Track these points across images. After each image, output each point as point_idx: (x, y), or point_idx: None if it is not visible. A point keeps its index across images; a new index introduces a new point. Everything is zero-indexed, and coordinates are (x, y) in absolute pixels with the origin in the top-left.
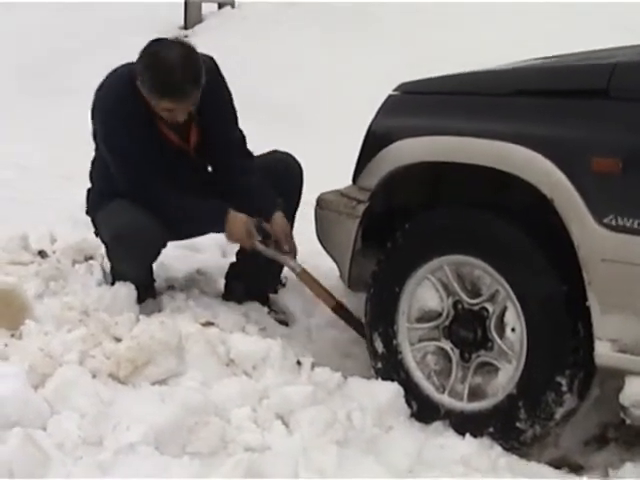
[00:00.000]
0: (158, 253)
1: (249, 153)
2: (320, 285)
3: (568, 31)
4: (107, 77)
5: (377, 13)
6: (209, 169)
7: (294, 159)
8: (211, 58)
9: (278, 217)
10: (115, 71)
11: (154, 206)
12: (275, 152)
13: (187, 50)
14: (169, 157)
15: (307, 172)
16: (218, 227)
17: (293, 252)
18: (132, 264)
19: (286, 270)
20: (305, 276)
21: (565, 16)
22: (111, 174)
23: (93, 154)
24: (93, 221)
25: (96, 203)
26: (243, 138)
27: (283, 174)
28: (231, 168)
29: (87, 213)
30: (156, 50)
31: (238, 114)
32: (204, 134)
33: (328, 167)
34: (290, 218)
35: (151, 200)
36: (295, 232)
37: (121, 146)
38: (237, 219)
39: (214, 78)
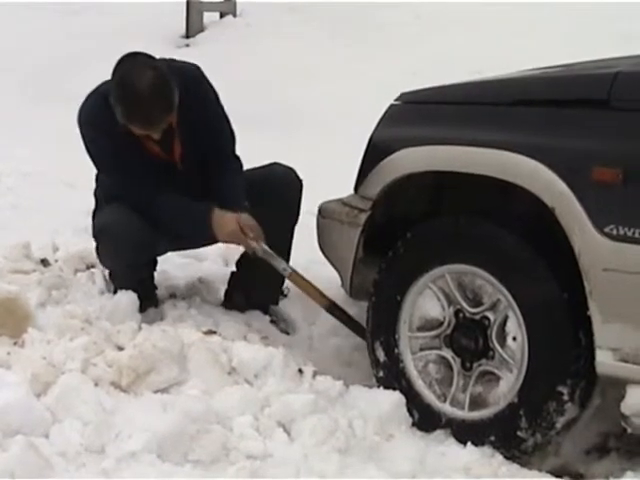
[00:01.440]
0: (147, 252)
1: (234, 155)
2: (312, 285)
3: (572, 36)
4: (89, 94)
5: (379, 20)
6: (196, 179)
7: (295, 174)
8: (196, 67)
9: (244, 216)
10: (97, 88)
11: (141, 209)
12: (275, 165)
13: (158, 75)
14: (154, 169)
15: (308, 180)
16: (205, 228)
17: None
18: (118, 260)
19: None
20: (295, 277)
21: (569, 20)
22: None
23: None
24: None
25: (96, 208)
26: (232, 139)
27: (283, 189)
28: (211, 171)
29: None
30: (126, 77)
31: (239, 116)
32: (189, 144)
33: (329, 175)
34: (288, 232)
35: (137, 202)
36: (295, 241)
37: (105, 159)
38: (225, 216)
39: (197, 88)
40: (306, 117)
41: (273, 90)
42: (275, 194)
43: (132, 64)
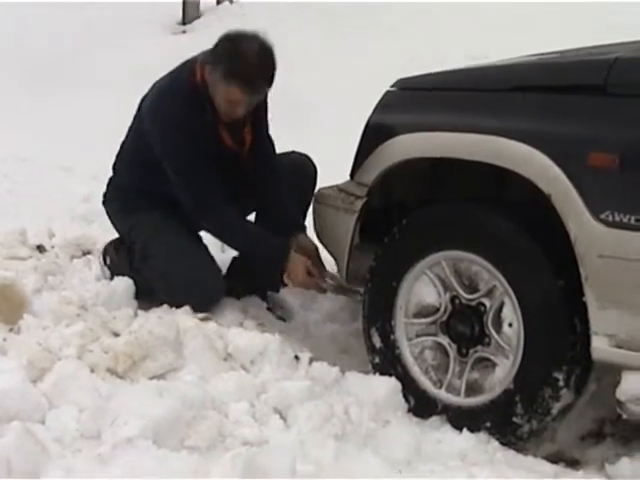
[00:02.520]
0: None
1: (280, 162)
2: None
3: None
4: (160, 93)
5: (378, 9)
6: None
7: (310, 161)
8: None
9: (304, 239)
10: (164, 87)
11: (215, 231)
12: (293, 153)
13: (267, 47)
14: (224, 162)
15: None
16: (280, 266)
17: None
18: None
19: None
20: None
21: (562, 14)
22: (141, 171)
23: (119, 147)
24: (114, 214)
25: (124, 201)
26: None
27: (299, 175)
28: (267, 178)
29: (104, 203)
30: (239, 39)
31: None
32: (256, 135)
33: (329, 162)
34: (303, 217)
35: (214, 226)
36: None
37: (186, 166)
38: (297, 264)
39: None
40: (302, 105)
41: None
42: (293, 179)
43: (241, 35)
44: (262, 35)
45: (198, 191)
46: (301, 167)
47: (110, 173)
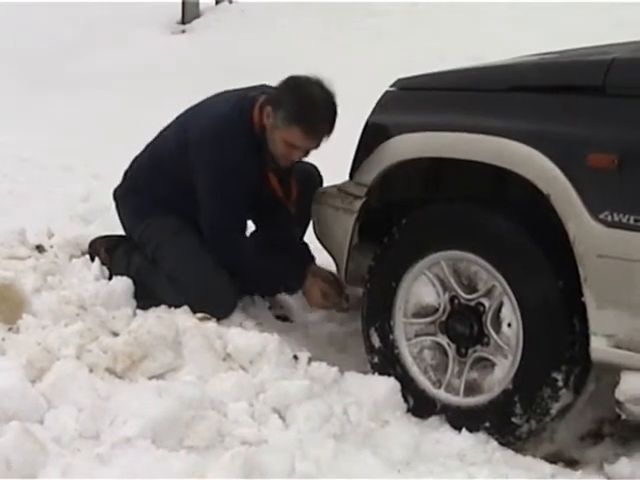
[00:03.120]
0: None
1: None
2: None
3: (566, 27)
4: (216, 123)
5: (375, 6)
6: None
7: (316, 170)
8: None
9: (317, 268)
10: (227, 117)
11: (232, 260)
12: (299, 162)
13: (331, 95)
14: (266, 205)
15: None
16: (296, 290)
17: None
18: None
19: None
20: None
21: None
22: (165, 186)
23: (145, 147)
24: (126, 212)
25: (140, 203)
26: None
27: (306, 185)
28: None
29: (116, 196)
30: (304, 84)
31: None
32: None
33: (324, 162)
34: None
35: (229, 255)
36: None
37: (224, 202)
38: (313, 287)
39: None
40: None
41: (268, 76)
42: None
43: (307, 80)
44: (326, 82)
45: (224, 222)
46: (309, 178)
47: (109, 172)
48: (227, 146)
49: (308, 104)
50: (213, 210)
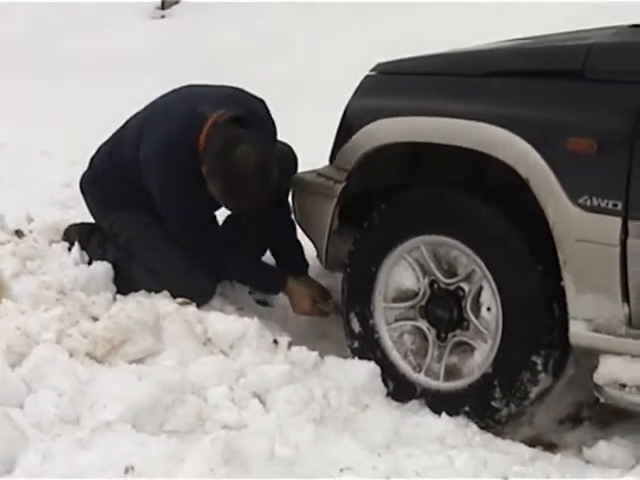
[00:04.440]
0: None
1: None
2: None
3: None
4: (164, 146)
5: None
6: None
7: (292, 151)
8: (263, 104)
9: (306, 279)
10: (173, 137)
11: (211, 264)
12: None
13: (264, 161)
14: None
15: None
16: (277, 293)
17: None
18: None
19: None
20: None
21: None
22: (122, 186)
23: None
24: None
25: (105, 194)
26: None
27: (281, 164)
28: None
29: (82, 186)
30: (237, 159)
31: None
32: None
33: (305, 148)
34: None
35: (208, 254)
36: None
37: (184, 205)
38: (299, 292)
39: (267, 127)
40: (282, 91)
41: (247, 63)
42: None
43: (236, 150)
44: (258, 142)
45: (189, 231)
46: (284, 158)
47: (88, 159)
48: (171, 165)
49: (237, 187)
50: (173, 222)
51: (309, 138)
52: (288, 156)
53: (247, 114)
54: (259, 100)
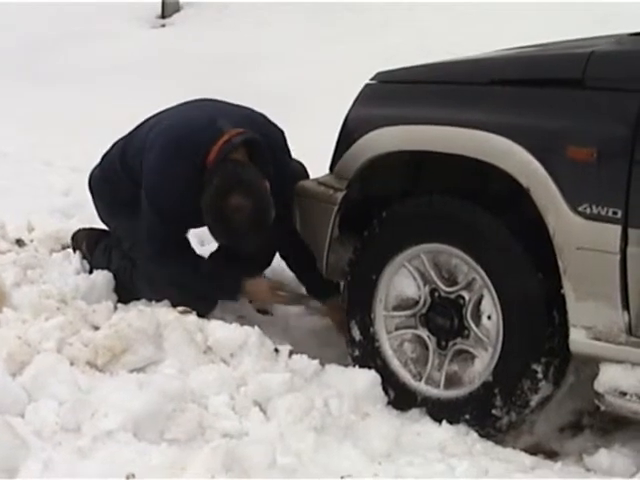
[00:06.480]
0: None
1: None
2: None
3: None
4: (164, 164)
5: (361, 7)
6: None
7: (305, 170)
8: (280, 130)
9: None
10: (175, 157)
11: (172, 270)
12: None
13: (260, 204)
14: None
15: None
16: (237, 297)
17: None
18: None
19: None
20: (329, 310)
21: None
22: (129, 188)
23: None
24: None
25: (113, 196)
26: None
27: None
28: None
29: (90, 181)
30: (227, 215)
31: (213, 96)
32: None
33: (305, 156)
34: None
35: (169, 261)
36: None
37: (164, 209)
38: (255, 284)
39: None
40: (281, 98)
41: (248, 71)
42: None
43: (233, 194)
44: (256, 186)
45: (162, 241)
46: (296, 178)
47: (90, 167)
48: (173, 163)
49: (229, 237)
50: (144, 217)
51: (309, 146)
52: (301, 177)
53: (262, 139)
54: (278, 128)
